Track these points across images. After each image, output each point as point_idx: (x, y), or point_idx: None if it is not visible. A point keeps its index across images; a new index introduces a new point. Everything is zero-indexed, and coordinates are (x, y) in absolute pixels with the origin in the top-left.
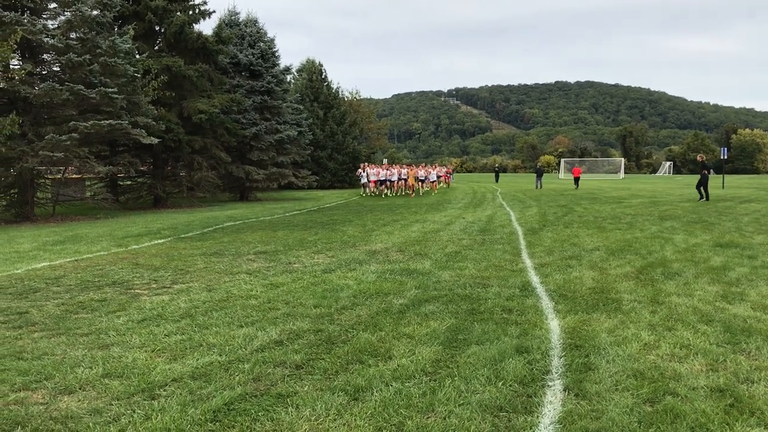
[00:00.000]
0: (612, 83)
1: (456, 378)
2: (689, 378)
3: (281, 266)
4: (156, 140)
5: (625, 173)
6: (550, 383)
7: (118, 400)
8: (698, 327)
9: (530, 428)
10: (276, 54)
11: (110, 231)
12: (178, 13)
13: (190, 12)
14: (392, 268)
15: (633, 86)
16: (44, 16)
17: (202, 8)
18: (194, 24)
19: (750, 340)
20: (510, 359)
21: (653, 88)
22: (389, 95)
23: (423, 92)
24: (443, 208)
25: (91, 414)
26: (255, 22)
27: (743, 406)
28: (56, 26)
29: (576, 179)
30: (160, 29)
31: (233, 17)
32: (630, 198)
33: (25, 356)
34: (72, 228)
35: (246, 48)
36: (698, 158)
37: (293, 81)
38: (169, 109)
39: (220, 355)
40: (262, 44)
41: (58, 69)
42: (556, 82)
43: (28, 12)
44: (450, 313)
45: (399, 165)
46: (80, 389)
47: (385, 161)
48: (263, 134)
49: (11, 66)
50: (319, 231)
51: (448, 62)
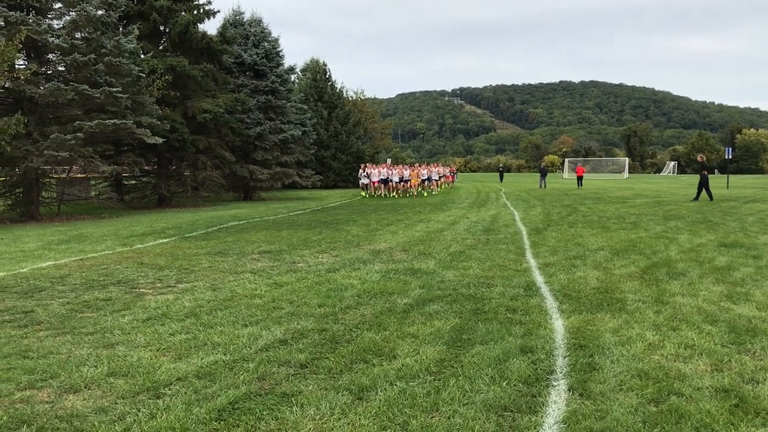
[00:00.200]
0: (616, 83)
1: (460, 378)
2: (694, 378)
3: (285, 266)
4: (160, 140)
5: (630, 173)
6: (555, 383)
7: (123, 399)
8: (703, 327)
9: (534, 428)
10: (280, 54)
11: (115, 230)
12: (183, 13)
13: (195, 12)
14: (396, 268)
15: (637, 86)
16: (49, 16)
17: (207, 8)
18: (199, 24)
19: (755, 341)
20: (514, 359)
21: (658, 88)
22: (393, 95)
23: (427, 92)
24: (447, 208)
25: (97, 413)
26: (259, 22)
27: (748, 407)
28: (61, 26)
29: (579, 179)
30: (165, 29)
31: (238, 17)
32: (634, 198)
33: (31, 355)
34: (77, 227)
35: (250, 48)
36: (698, 158)
37: (297, 81)
38: (174, 109)
39: (225, 355)
40: (267, 44)
41: (63, 69)
42: (561, 82)
43: (34, 12)
44: (454, 313)
45: (401, 165)
46: (85, 388)
47: (389, 161)
48: (267, 134)
49: (17, 66)
50: (323, 230)
51: (452, 62)
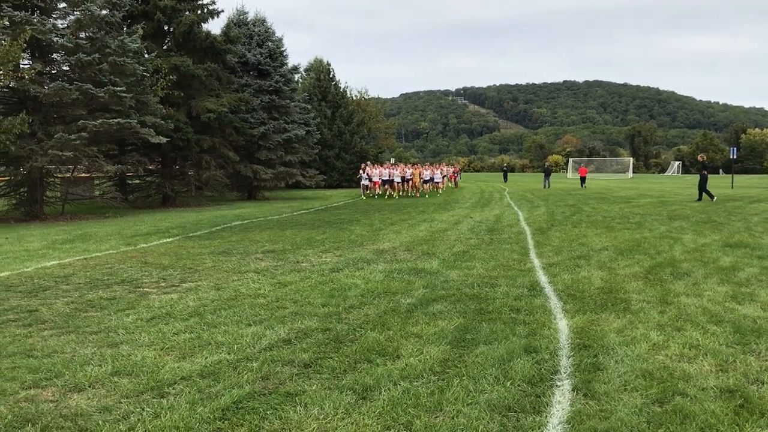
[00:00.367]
0: (620, 82)
1: (464, 377)
2: (698, 378)
3: (289, 265)
4: (164, 139)
5: (634, 173)
6: (559, 383)
7: (128, 398)
8: (707, 327)
9: (539, 428)
10: (284, 53)
11: (119, 230)
12: (187, 13)
13: (199, 11)
14: (400, 268)
15: (642, 85)
16: (54, 16)
17: (211, 8)
18: (203, 23)
19: (760, 341)
20: (518, 359)
21: (662, 88)
22: (397, 94)
23: (431, 91)
24: (451, 208)
25: (101, 412)
26: (263, 22)
27: (753, 407)
28: (66, 26)
29: (582, 179)
30: (169, 29)
31: (241, 17)
32: (638, 198)
33: (35, 354)
34: (81, 226)
35: (254, 47)
36: (699, 158)
37: (301, 80)
38: (178, 109)
39: (229, 354)
40: (270, 44)
41: (68, 68)
42: (565, 82)
43: (38, 11)
44: (458, 313)
45: (404, 164)
46: (90, 387)
47: (392, 160)
48: (271, 133)
49: (21, 65)
50: (327, 230)
51: (456, 62)
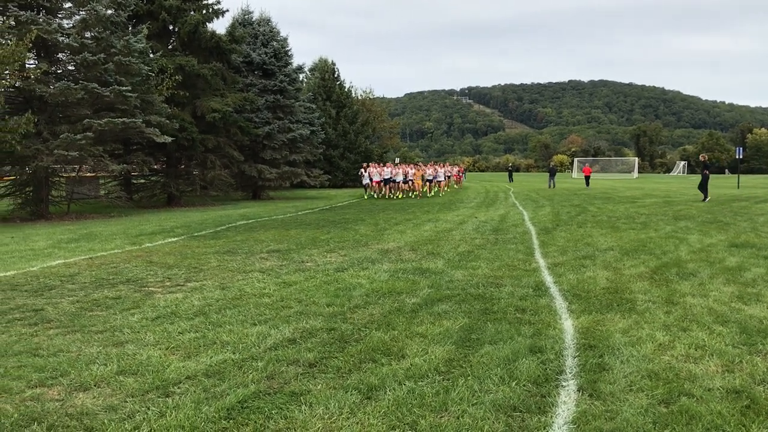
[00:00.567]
0: (626, 82)
1: (469, 377)
2: (704, 379)
3: (294, 265)
4: (170, 139)
5: (639, 173)
6: (564, 383)
7: (133, 397)
8: (713, 328)
9: (544, 428)
10: (289, 53)
11: (124, 229)
12: (192, 13)
13: (204, 11)
14: (405, 267)
15: (647, 85)
16: (59, 16)
17: (216, 7)
18: (208, 23)
19: (766, 341)
20: (523, 359)
21: (667, 87)
22: (401, 94)
23: (435, 91)
24: (455, 208)
25: (106, 411)
26: (268, 21)
27: (759, 408)
28: (71, 25)
29: (586, 178)
30: (174, 28)
31: (246, 16)
32: (644, 198)
33: (41, 353)
34: (86, 226)
35: (259, 47)
36: (701, 157)
37: (306, 80)
38: (183, 108)
39: (234, 353)
40: (275, 43)
41: (73, 68)
42: (570, 81)
43: (44, 11)
44: (463, 313)
45: (406, 164)
46: (95, 386)
47: (397, 160)
48: (276, 133)
49: (27, 65)
50: (332, 230)
51: (461, 61)
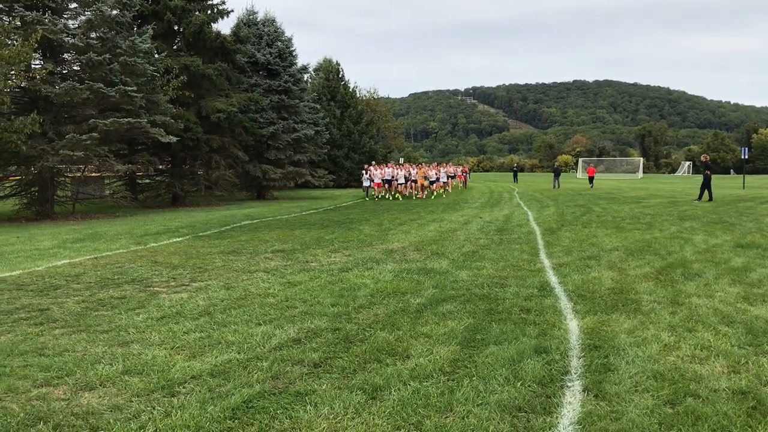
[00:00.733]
0: (631, 82)
1: (474, 378)
2: (710, 380)
3: (299, 265)
4: (175, 139)
5: (644, 173)
6: (569, 384)
7: (138, 397)
8: (719, 328)
9: (549, 429)
10: (293, 53)
11: (129, 229)
12: (197, 13)
13: (209, 11)
14: (409, 268)
15: (652, 85)
16: (65, 16)
17: (221, 8)
18: (213, 23)
19: None
20: (528, 359)
21: (673, 87)
22: (406, 94)
23: (440, 91)
24: (460, 208)
25: (112, 410)
26: (272, 22)
27: (766, 409)
28: (77, 26)
29: (590, 179)
30: (179, 29)
31: (251, 16)
32: (649, 198)
33: (47, 352)
34: (91, 226)
35: (264, 47)
36: (702, 158)
37: (310, 80)
38: (188, 108)
39: (239, 353)
40: (280, 43)
41: (79, 68)
42: (575, 81)
43: (50, 12)
44: (468, 313)
45: (409, 164)
46: (101, 386)
47: (401, 160)
48: (280, 133)
49: (33, 65)
50: (336, 230)
51: (465, 61)
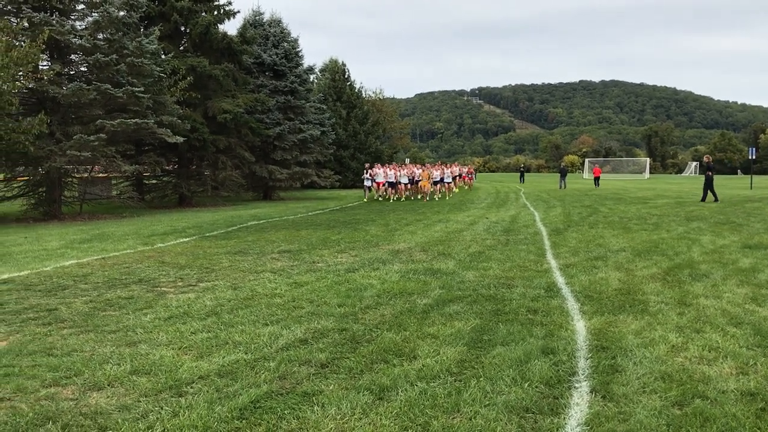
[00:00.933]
0: (637, 82)
1: (481, 378)
2: (719, 381)
3: (305, 265)
4: (181, 139)
5: (651, 173)
6: (577, 385)
7: (146, 397)
8: (727, 329)
9: (557, 430)
10: (299, 54)
11: (136, 229)
12: (204, 14)
13: (215, 12)
14: (416, 268)
15: (658, 85)
16: (72, 17)
17: (227, 9)
18: (219, 24)
19: None
20: (536, 360)
21: (679, 87)
22: (412, 95)
23: (445, 92)
24: (466, 208)
25: (120, 410)
26: (279, 23)
27: None
28: (84, 27)
29: (596, 179)
30: (186, 30)
31: (257, 17)
32: (655, 198)
33: (55, 352)
34: (98, 226)
35: (270, 48)
36: (704, 159)
37: (316, 81)
38: (194, 109)
39: (246, 353)
40: (286, 44)
41: (86, 69)
42: (581, 81)
43: (57, 13)
44: (474, 314)
45: (412, 165)
46: (109, 386)
47: (407, 161)
48: (286, 134)
49: (40, 66)
50: (342, 230)
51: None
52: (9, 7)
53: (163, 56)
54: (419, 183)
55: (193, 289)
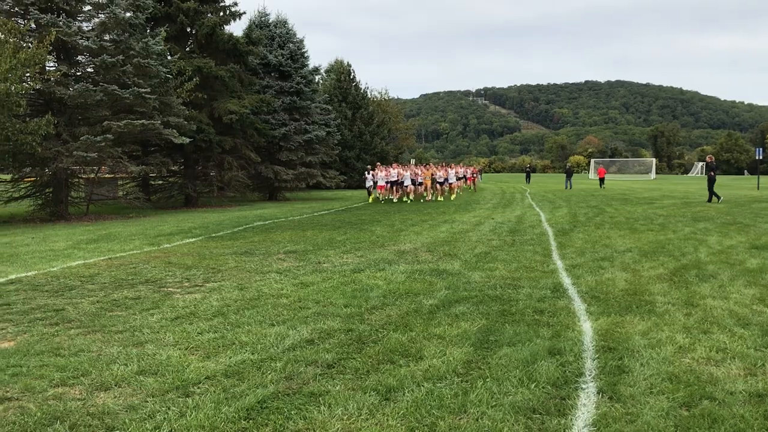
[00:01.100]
0: (643, 82)
1: (488, 379)
2: (726, 382)
3: (311, 266)
4: (187, 140)
5: (657, 174)
6: (584, 386)
7: (153, 397)
8: (735, 330)
9: (564, 431)
10: (305, 55)
11: (142, 230)
12: (210, 15)
13: (221, 13)
14: (421, 269)
15: (665, 85)
16: (79, 19)
17: (233, 9)
18: (225, 25)
19: None
20: (542, 361)
21: (685, 88)
22: (417, 95)
23: (451, 92)
24: (472, 209)
25: (127, 410)
26: (284, 23)
27: None
28: (91, 28)
29: (601, 180)
30: (192, 31)
31: (263, 18)
32: (662, 199)
33: (63, 353)
34: (105, 227)
35: (275, 49)
36: (707, 159)
37: (322, 81)
38: (200, 110)
39: (253, 354)
40: (292, 45)
41: (92, 70)
42: (586, 82)
43: (64, 14)
44: (481, 314)
45: (415, 166)
46: (116, 386)
47: (413, 161)
48: (292, 134)
49: (47, 68)
50: (348, 231)
51: (477, 62)
52: (16, 9)
53: (170, 57)
54: (422, 184)
55: (200, 290)
